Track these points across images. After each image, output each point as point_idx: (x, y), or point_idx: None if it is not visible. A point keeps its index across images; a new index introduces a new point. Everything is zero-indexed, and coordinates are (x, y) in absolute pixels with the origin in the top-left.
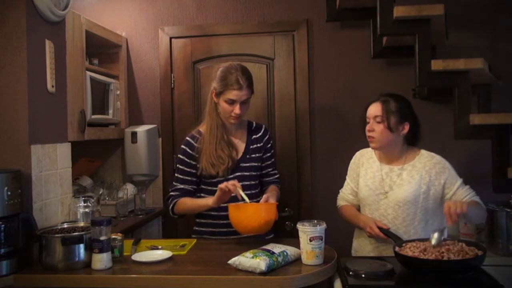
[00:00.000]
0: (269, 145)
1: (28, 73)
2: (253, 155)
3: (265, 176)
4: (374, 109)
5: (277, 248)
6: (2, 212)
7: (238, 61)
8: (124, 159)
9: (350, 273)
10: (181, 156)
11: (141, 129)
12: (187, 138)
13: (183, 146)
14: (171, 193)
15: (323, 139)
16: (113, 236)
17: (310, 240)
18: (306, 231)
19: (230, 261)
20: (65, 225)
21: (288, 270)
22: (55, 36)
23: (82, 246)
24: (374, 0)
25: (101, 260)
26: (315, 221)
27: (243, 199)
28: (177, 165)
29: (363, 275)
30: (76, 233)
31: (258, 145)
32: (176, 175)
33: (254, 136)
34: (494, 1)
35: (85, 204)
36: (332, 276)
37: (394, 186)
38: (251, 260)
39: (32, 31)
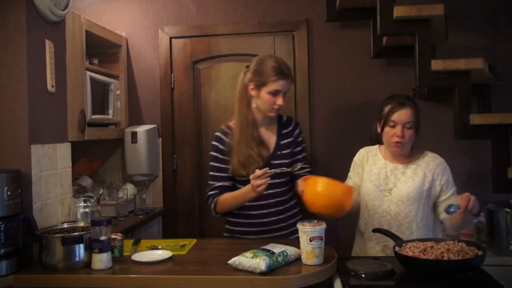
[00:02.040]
0: (300, 139)
1: (28, 73)
2: (284, 151)
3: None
4: (405, 115)
5: (277, 248)
6: (2, 212)
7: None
8: (124, 159)
9: (350, 273)
10: (214, 154)
11: (141, 129)
12: (217, 133)
13: (214, 143)
14: (210, 193)
15: (323, 139)
16: (113, 236)
17: (310, 240)
18: (306, 231)
19: (230, 261)
20: (65, 225)
21: (288, 270)
22: (55, 36)
23: (82, 246)
24: (374, 0)
25: (101, 260)
26: (315, 221)
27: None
28: (210, 163)
29: (363, 275)
30: (76, 233)
31: (289, 140)
32: (210, 173)
33: (285, 131)
34: (494, 1)
35: (85, 204)
36: (332, 276)
37: (398, 183)
38: (251, 260)
39: (32, 31)
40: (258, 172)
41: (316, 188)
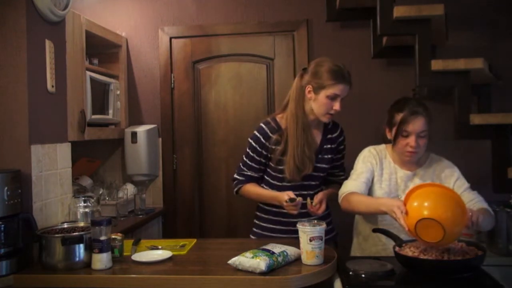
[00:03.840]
0: (342, 147)
1: (28, 73)
2: (325, 156)
3: (330, 175)
4: (419, 124)
5: (277, 248)
6: (2, 212)
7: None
8: (124, 159)
9: (350, 273)
10: (253, 143)
11: (141, 129)
12: (263, 125)
13: (257, 134)
14: (237, 177)
15: None
16: (113, 236)
17: (310, 240)
18: (306, 231)
19: (230, 261)
20: (65, 225)
21: (288, 270)
22: (55, 36)
23: (82, 246)
24: (374, 0)
25: (101, 260)
26: (315, 221)
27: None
28: (247, 150)
29: (363, 275)
30: (76, 233)
31: (332, 146)
32: (244, 159)
33: (330, 136)
34: (494, 1)
35: (85, 204)
36: (332, 276)
37: (407, 191)
38: (251, 260)
39: (32, 31)
40: (289, 205)
41: (423, 200)
